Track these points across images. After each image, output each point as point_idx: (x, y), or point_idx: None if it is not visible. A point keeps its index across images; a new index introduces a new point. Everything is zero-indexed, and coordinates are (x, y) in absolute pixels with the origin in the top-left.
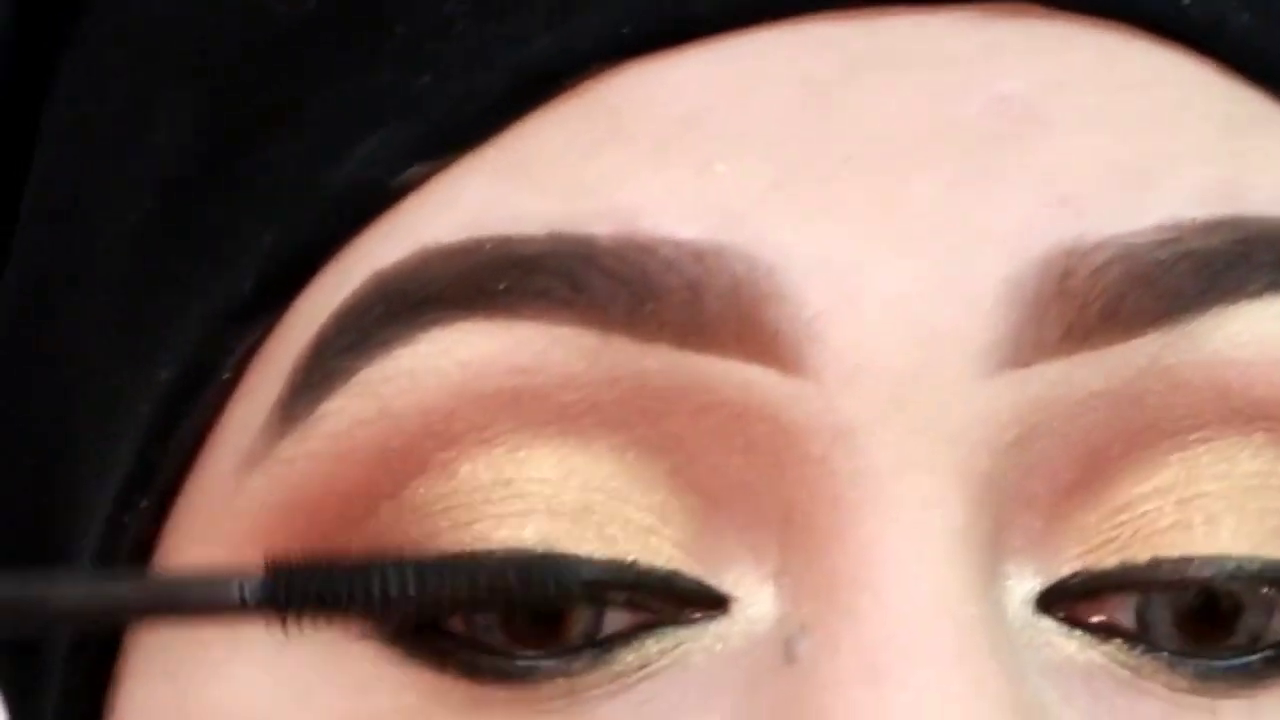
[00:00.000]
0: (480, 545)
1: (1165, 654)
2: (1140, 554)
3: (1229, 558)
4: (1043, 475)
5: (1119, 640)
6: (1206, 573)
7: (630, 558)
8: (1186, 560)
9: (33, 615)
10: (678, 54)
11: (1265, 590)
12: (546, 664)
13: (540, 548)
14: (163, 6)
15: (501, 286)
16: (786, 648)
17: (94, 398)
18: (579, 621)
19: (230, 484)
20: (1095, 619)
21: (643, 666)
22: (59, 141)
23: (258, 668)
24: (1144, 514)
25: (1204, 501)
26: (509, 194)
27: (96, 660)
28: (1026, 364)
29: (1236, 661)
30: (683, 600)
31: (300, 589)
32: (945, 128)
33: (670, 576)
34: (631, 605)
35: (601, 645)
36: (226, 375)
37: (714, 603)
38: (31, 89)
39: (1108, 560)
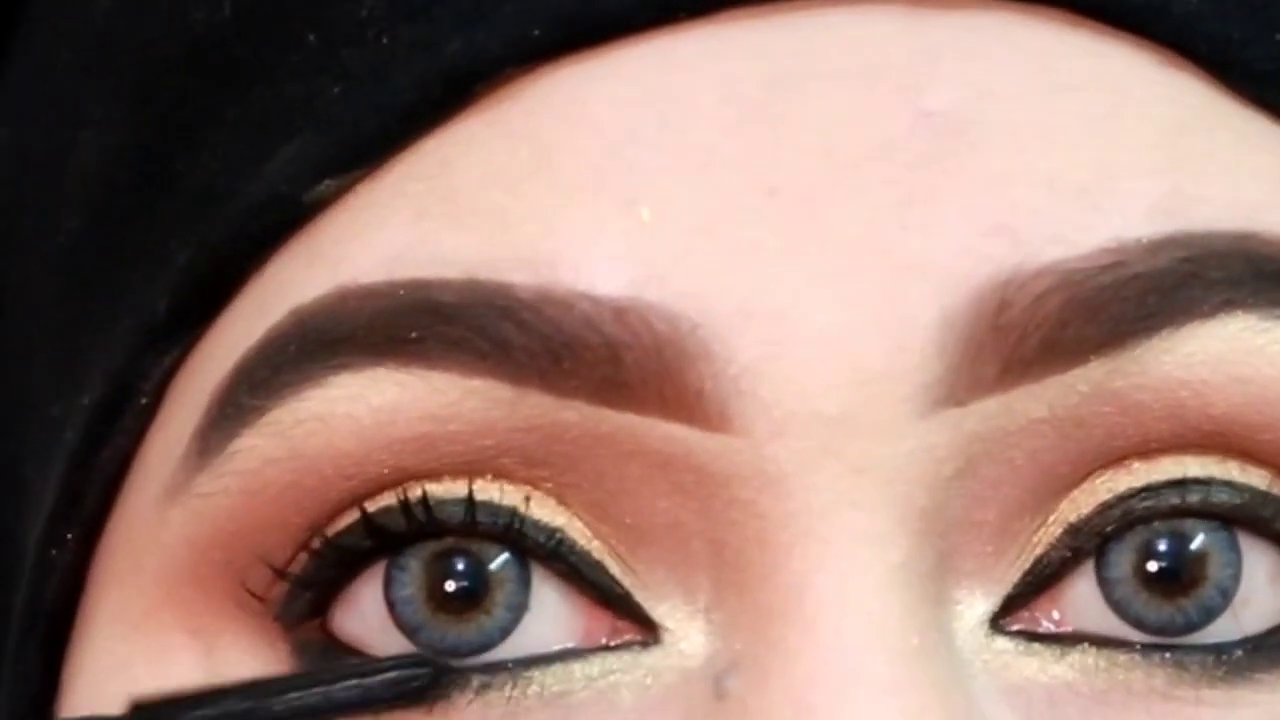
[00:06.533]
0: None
1: (1137, 647)
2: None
3: (1175, 481)
4: (991, 501)
5: (1084, 645)
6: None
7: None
8: (1131, 491)
9: None
10: (595, 59)
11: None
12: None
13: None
14: (96, 20)
15: (414, 335)
16: (717, 684)
17: (34, 426)
18: (499, 605)
19: (153, 516)
20: (1055, 616)
21: (564, 694)
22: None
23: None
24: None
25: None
26: (430, 230)
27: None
28: (962, 403)
29: (1214, 645)
30: (614, 604)
31: None
32: (873, 149)
33: (600, 565)
34: (564, 577)
35: (528, 663)
36: (145, 400)
37: (644, 624)
38: None
39: (1055, 543)
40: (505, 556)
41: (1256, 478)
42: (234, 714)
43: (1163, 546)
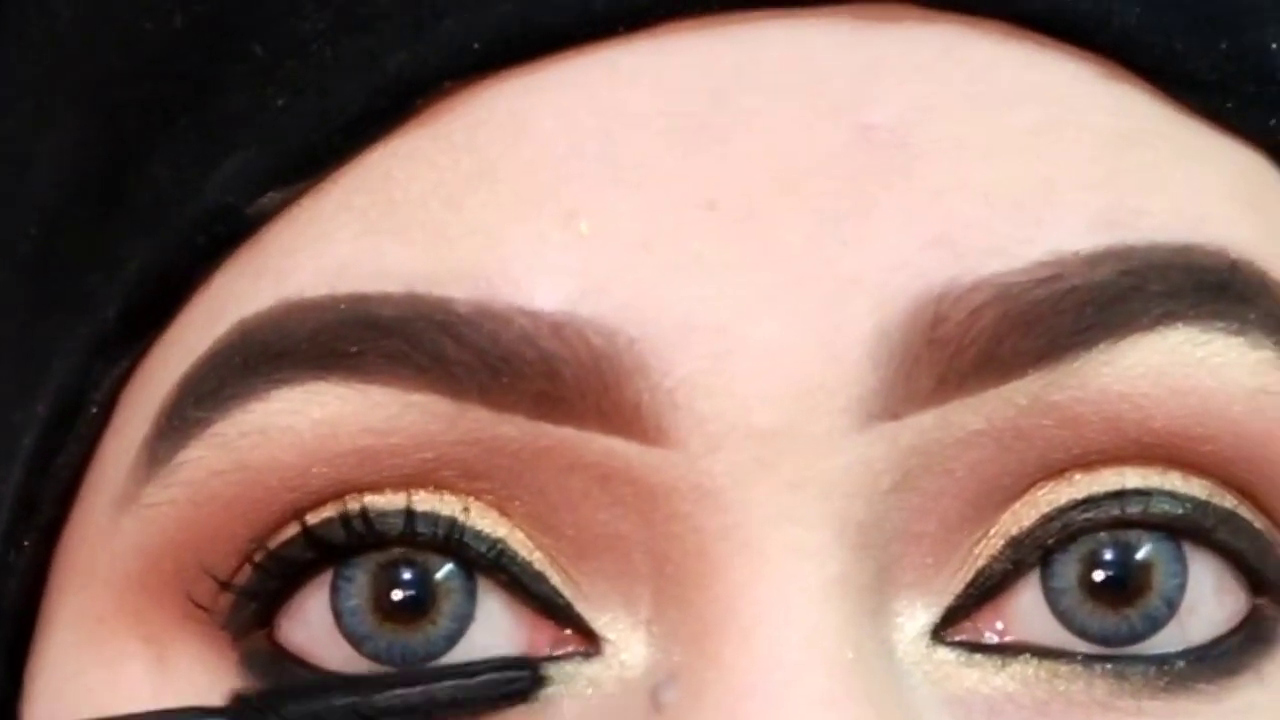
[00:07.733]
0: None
1: (1079, 658)
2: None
3: (1115, 492)
4: (931, 514)
5: (1026, 656)
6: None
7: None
8: (1072, 503)
9: None
10: (536, 72)
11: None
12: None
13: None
14: (58, 29)
15: (354, 349)
16: (654, 696)
17: (1, 433)
18: (445, 615)
19: (106, 524)
20: (999, 626)
21: None
22: None
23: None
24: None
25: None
26: (373, 244)
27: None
28: (898, 416)
29: (1156, 655)
30: (557, 615)
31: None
32: (813, 163)
33: (542, 576)
34: (507, 587)
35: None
36: (96, 409)
37: (587, 635)
38: None
39: (997, 555)
40: (450, 567)
41: (1198, 488)
42: (336, 709)
43: (1108, 556)
